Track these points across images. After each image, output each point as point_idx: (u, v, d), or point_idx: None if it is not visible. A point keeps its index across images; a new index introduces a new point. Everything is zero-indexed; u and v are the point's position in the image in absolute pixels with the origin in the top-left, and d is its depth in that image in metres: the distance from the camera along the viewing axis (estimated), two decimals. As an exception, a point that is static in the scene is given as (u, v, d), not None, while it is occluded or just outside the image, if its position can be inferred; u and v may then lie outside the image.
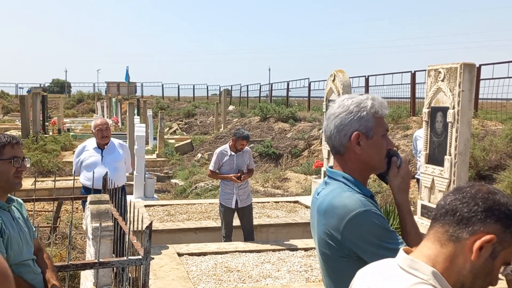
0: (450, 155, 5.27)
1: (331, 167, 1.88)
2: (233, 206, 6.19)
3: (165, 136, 18.66)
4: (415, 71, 14.27)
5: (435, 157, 5.57)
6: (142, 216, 3.56)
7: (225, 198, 6.24)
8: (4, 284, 0.60)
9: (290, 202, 8.76)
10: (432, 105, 5.59)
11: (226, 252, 5.87)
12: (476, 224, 1.18)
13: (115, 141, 5.93)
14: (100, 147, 5.74)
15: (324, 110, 8.36)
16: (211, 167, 6.36)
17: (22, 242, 2.40)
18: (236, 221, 6.42)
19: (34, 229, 2.64)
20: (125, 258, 3.02)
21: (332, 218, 1.70)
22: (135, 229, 3.56)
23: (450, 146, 5.28)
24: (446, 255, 1.22)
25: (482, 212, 1.19)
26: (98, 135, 5.69)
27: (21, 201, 2.65)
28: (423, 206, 5.75)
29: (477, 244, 1.17)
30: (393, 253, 1.42)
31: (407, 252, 1.29)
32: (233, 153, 6.23)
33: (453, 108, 5.22)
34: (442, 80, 5.38)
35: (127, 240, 3.48)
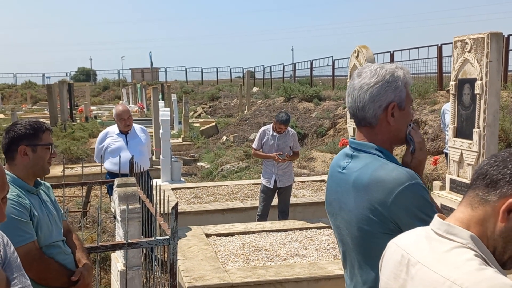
0: (478, 127, 5.16)
1: (353, 139, 1.82)
2: (271, 186, 6.20)
3: (190, 120, 18.76)
4: (441, 44, 13.95)
5: (463, 131, 5.45)
6: (169, 198, 3.59)
7: (265, 178, 6.28)
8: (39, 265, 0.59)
9: (316, 181, 8.73)
10: (459, 77, 5.46)
11: (254, 232, 5.90)
12: (504, 187, 1.16)
13: (136, 126, 5.96)
14: (123, 132, 5.78)
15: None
16: (254, 145, 6.43)
17: (51, 224, 2.46)
18: (274, 201, 6.45)
19: (62, 212, 2.71)
20: (153, 238, 3.06)
21: (377, 192, 1.63)
22: (162, 211, 3.60)
23: (478, 119, 5.16)
24: (477, 218, 1.20)
25: (511, 175, 1.16)
26: (121, 124, 5.72)
27: (49, 185, 2.71)
28: (452, 181, 5.65)
29: (504, 206, 1.15)
30: None
31: (442, 219, 1.27)
32: (275, 134, 6.20)
33: (481, 79, 5.09)
34: (469, 51, 5.24)
35: (154, 221, 3.53)
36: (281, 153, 6.10)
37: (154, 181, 5.38)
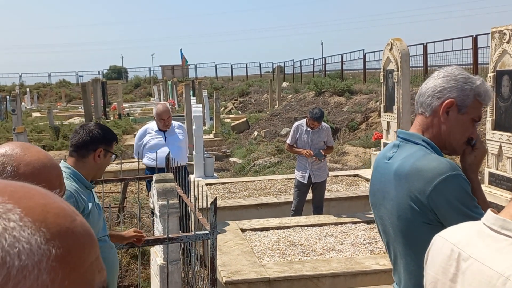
0: (519, 120, 5.04)
1: (400, 130, 1.83)
2: (306, 181, 6.18)
3: (221, 116, 18.86)
4: (476, 35, 13.66)
5: (502, 123, 5.34)
6: (206, 193, 3.64)
7: (299, 173, 6.26)
8: (92, 243, 0.60)
9: (350, 175, 8.67)
10: (498, 68, 5.35)
11: (288, 227, 5.91)
12: None
13: (174, 123, 6.05)
14: (162, 130, 5.87)
15: (382, 80, 8.15)
16: (288, 140, 6.43)
17: (100, 219, 2.55)
18: (309, 196, 6.44)
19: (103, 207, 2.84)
20: (192, 233, 3.11)
21: (417, 181, 1.65)
22: (200, 206, 3.65)
23: (518, 111, 5.04)
24: None
25: None
26: (160, 124, 5.82)
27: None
28: (490, 174, 5.54)
29: None
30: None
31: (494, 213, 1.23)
32: (309, 129, 6.17)
33: (521, 70, 4.97)
34: (508, 42, 5.12)
35: (192, 216, 3.58)
36: (319, 155, 6.06)
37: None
